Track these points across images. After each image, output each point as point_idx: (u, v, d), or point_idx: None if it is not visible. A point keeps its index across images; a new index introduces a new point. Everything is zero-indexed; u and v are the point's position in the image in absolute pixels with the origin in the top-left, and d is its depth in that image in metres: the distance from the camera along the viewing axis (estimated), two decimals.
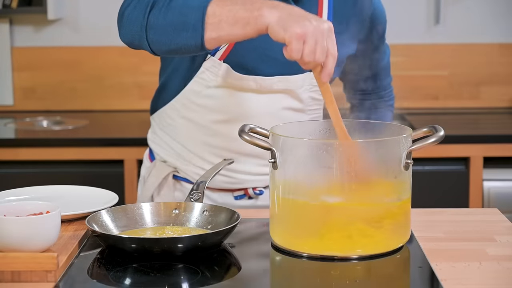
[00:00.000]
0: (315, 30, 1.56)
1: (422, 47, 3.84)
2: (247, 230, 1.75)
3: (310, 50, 1.55)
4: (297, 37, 1.55)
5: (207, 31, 1.62)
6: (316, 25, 1.56)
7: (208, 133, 1.97)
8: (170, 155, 2.05)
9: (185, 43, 1.65)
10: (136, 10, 1.70)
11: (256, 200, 2.04)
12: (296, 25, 1.55)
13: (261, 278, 1.51)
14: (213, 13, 1.62)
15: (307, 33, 1.55)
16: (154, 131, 2.10)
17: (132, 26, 1.70)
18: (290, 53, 1.56)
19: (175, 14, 1.65)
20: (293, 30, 1.55)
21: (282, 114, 1.94)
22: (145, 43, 1.70)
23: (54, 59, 3.83)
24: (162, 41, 1.68)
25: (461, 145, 3.24)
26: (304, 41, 1.55)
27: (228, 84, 1.92)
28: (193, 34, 1.63)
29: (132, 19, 1.70)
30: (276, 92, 1.93)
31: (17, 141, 3.31)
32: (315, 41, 1.55)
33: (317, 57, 1.56)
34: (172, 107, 2.01)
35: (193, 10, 1.64)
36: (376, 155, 1.56)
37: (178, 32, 1.65)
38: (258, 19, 1.58)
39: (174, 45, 1.67)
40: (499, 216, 1.83)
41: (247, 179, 2.01)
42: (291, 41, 1.55)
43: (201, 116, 1.97)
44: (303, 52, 1.55)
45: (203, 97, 1.95)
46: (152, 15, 1.68)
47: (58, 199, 1.84)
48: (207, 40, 1.63)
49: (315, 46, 1.56)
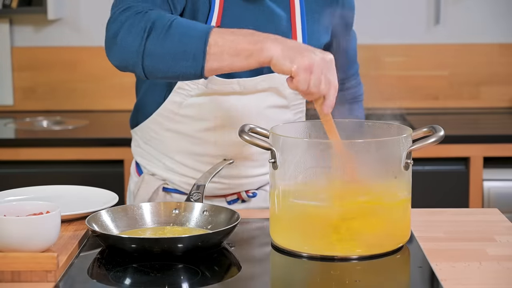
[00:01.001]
0: (321, 61, 1.57)
1: (422, 47, 3.84)
2: (247, 230, 1.75)
3: (316, 81, 1.56)
4: (305, 69, 1.55)
5: (209, 61, 1.61)
6: (322, 57, 1.58)
7: (194, 142, 1.94)
8: (158, 168, 2.00)
9: (184, 72, 1.63)
10: (131, 35, 1.65)
11: (249, 203, 2.03)
12: (302, 57, 1.56)
13: (261, 278, 1.51)
14: (215, 43, 1.60)
15: (314, 64, 1.56)
16: (138, 144, 2.05)
17: (127, 52, 1.65)
18: (297, 84, 1.56)
19: (175, 42, 1.63)
20: (301, 62, 1.56)
21: (267, 112, 1.93)
22: (140, 69, 1.66)
23: (54, 59, 3.83)
24: (159, 68, 1.65)
25: (461, 145, 3.24)
26: (311, 72, 1.56)
27: (211, 91, 1.89)
28: (193, 63, 1.62)
29: (127, 45, 1.65)
30: (260, 91, 1.92)
31: (17, 141, 3.30)
32: (321, 72, 1.57)
33: (322, 88, 1.57)
34: (154, 121, 1.96)
35: (194, 39, 1.62)
36: (376, 155, 1.56)
37: (178, 61, 1.63)
38: (261, 52, 1.58)
39: (172, 73, 1.65)
40: (499, 216, 1.83)
41: (240, 183, 1.99)
42: (299, 73, 1.55)
43: (185, 126, 1.93)
44: (310, 83, 1.56)
45: (185, 107, 1.91)
46: (149, 42, 1.64)
47: (58, 199, 1.84)
48: (207, 70, 1.62)
49: (321, 77, 1.57)
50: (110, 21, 1.70)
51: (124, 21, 1.67)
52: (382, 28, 3.78)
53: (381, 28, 3.78)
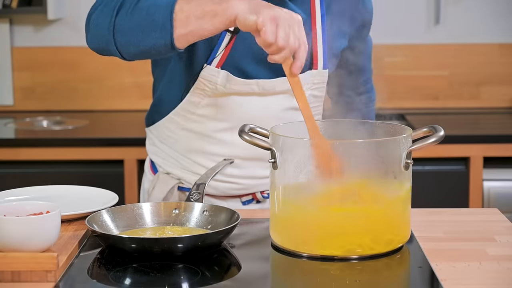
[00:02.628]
0: (287, 16, 1.55)
1: (422, 47, 3.84)
2: (247, 230, 1.75)
3: (284, 33, 1.54)
4: (270, 19, 1.53)
5: (176, 28, 1.61)
6: (288, 13, 1.56)
7: (211, 142, 1.94)
8: (174, 167, 2.01)
9: (155, 43, 1.63)
10: (102, 14, 1.68)
11: (264, 203, 2.03)
12: (268, 10, 1.55)
13: (261, 278, 1.51)
14: (180, 9, 1.60)
15: (280, 17, 1.54)
16: (154, 143, 2.05)
17: (99, 30, 1.68)
18: (264, 35, 1.53)
19: (142, 15, 1.63)
20: (266, 13, 1.53)
21: (284, 115, 1.93)
22: (113, 47, 1.67)
23: (54, 59, 3.83)
24: (130, 43, 1.65)
25: (461, 145, 3.24)
26: (277, 25, 1.54)
27: (229, 91, 1.89)
28: (162, 33, 1.62)
29: (98, 23, 1.68)
30: (278, 93, 1.92)
31: (17, 141, 3.31)
32: (288, 26, 1.54)
33: (292, 42, 1.55)
34: (170, 120, 1.97)
35: (160, 8, 1.62)
36: (376, 155, 1.56)
37: (147, 33, 1.63)
38: (226, 10, 1.57)
39: (143, 46, 1.65)
40: (499, 216, 1.83)
41: (254, 184, 1.99)
42: (265, 23, 1.53)
43: (202, 126, 1.93)
44: (277, 35, 1.53)
45: (203, 107, 1.92)
46: (119, 17, 1.65)
47: (58, 199, 1.84)
48: (176, 37, 1.61)
49: (289, 31, 1.54)
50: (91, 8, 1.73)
51: (98, 5, 1.70)
52: (382, 28, 3.78)
53: (381, 28, 3.77)
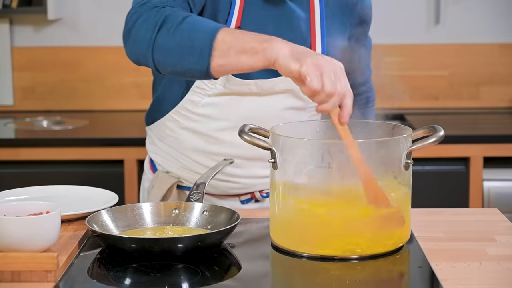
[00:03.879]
0: (331, 64, 1.52)
1: (422, 47, 3.84)
2: (247, 230, 1.75)
3: (330, 80, 1.50)
4: (314, 67, 1.50)
5: (214, 57, 1.59)
6: (330, 60, 1.53)
7: (210, 141, 1.95)
8: (173, 166, 2.01)
9: (191, 68, 1.62)
10: (143, 28, 1.66)
11: (263, 202, 2.03)
12: (311, 58, 1.52)
13: (261, 278, 1.51)
14: (222, 39, 1.59)
15: (324, 65, 1.51)
16: (153, 142, 2.06)
17: (139, 45, 1.67)
18: (310, 84, 1.50)
19: (184, 37, 1.62)
20: (310, 61, 1.51)
21: (284, 114, 1.93)
22: (151, 62, 1.67)
23: (54, 59, 3.83)
24: (168, 62, 1.65)
25: (461, 145, 3.24)
26: (322, 73, 1.51)
27: (229, 91, 1.89)
28: (199, 59, 1.60)
29: (139, 38, 1.67)
30: (277, 93, 1.92)
31: (17, 141, 3.30)
32: (333, 74, 1.51)
33: (339, 89, 1.51)
34: (170, 119, 1.97)
35: (202, 34, 1.61)
36: (376, 155, 1.56)
37: (185, 56, 1.62)
38: (267, 50, 1.55)
39: (180, 68, 1.64)
40: (499, 216, 1.83)
41: (253, 183, 2.00)
42: (309, 72, 1.50)
43: (202, 125, 1.94)
44: (324, 83, 1.50)
45: (202, 106, 1.92)
46: (160, 35, 1.64)
47: (58, 199, 1.84)
48: (213, 67, 1.60)
49: (334, 78, 1.51)
50: (129, 15, 1.71)
51: (140, 15, 1.68)
52: (382, 28, 3.78)
53: (381, 28, 3.77)
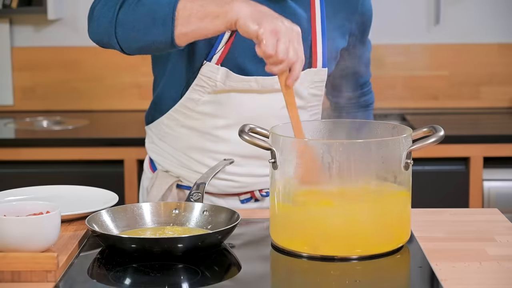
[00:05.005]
0: (288, 30, 1.58)
1: (422, 47, 3.84)
2: (248, 230, 1.75)
3: (284, 47, 1.56)
4: (271, 32, 1.55)
5: (177, 26, 1.63)
6: (289, 26, 1.59)
7: (210, 139, 1.95)
8: (173, 165, 2.01)
9: (155, 39, 1.65)
10: (105, 7, 1.70)
11: (263, 202, 2.03)
12: (269, 22, 1.57)
13: (261, 278, 1.51)
14: (183, 7, 1.63)
15: (281, 31, 1.56)
16: (153, 140, 2.06)
17: (101, 24, 1.70)
18: (264, 48, 1.56)
19: (145, 11, 1.66)
20: (267, 26, 1.55)
21: (283, 113, 1.92)
22: (114, 40, 1.69)
23: (54, 59, 3.83)
24: (131, 37, 1.68)
25: (461, 145, 3.24)
26: (278, 39, 1.56)
27: (228, 88, 1.89)
28: (163, 29, 1.64)
29: (101, 16, 1.70)
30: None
31: (17, 141, 3.31)
32: (288, 40, 1.56)
33: (291, 56, 1.57)
34: (170, 117, 1.97)
35: (163, 6, 1.64)
36: (376, 155, 1.56)
37: (148, 29, 1.65)
38: (228, 13, 1.59)
39: (144, 41, 1.67)
40: (499, 216, 1.83)
41: (253, 182, 1.99)
42: (265, 36, 1.55)
43: (201, 123, 1.94)
44: (278, 49, 1.56)
45: (202, 104, 1.92)
46: (121, 12, 1.68)
47: (58, 199, 1.84)
48: (177, 35, 1.64)
49: (289, 45, 1.56)
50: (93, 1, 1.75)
51: None
52: (382, 28, 3.78)
53: (381, 28, 3.78)
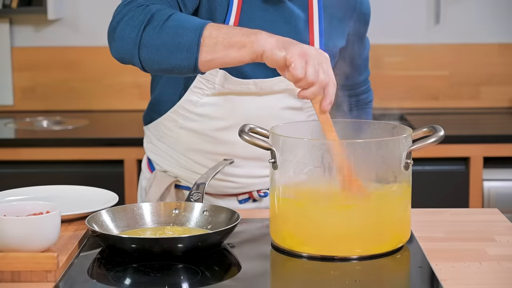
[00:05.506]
0: (316, 53, 1.56)
1: (422, 47, 3.84)
2: (247, 230, 1.75)
3: (314, 69, 1.54)
4: (299, 55, 1.54)
5: (202, 53, 1.62)
6: (316, 50, 1.57)
7: (209, 141, 1.95)
8: (171, 165, 2.02)
9: (178, 64, 1.64)
10: (129, 26, 1.67)
11: (261, 202, 2.03)
12: (296, 46, 1.56)
13: (261, 278, 1.51)
14: (209, 35, 1.61)
15: (309, 54, 1.55)
16: (151, 141, 2.06)
17: (124, 43, 1.68)
18: (293, 71, 1.54)
19: (170, 34, 1.64)
20: (295, 49, 1.55)
21: (283, 114, 1.93)
22: (137, 60, 1.68)
23: (54, 59, 3.83)
24: (155, 60, 1.66)
25: (461, 145, 3.24)
26: (306, 61, 1.54)
27: (227, 90, 1.90)
28: (187, 55, 1.63)
29: (124, 36, 1.68)
30: (275, 92, 1.92)
31: (17, 141, 3.30)
32: (317, 63, 1.55)
33: (321, 78, 1.55)
34: (168, 118, 1.97)
35: (189, 31, 1.63)
36: (376, 155, 1.56)
37: (172, 53, 1.64)
38: (254, 44, 1.59)
39: (167, 65, 1.66)
40: (499, 216, 1.83)
41: (251, 183, 2.00)
42: (294, 60, 1.54)
43: (200, 125, 1.94)
44: (307, 71, 1.54)
45: (200, 106, 1.92)
46: (146, 33, 1.66)
47: (58, 199, 1.84)
48: (201, 62, 1.62)
49: (318, 67, 1.55)
50: (114, 14, 1.72)
51: (125, 14, 1.69)
52: (382, 28, 3.78)
53: (381, 28, 3.78)
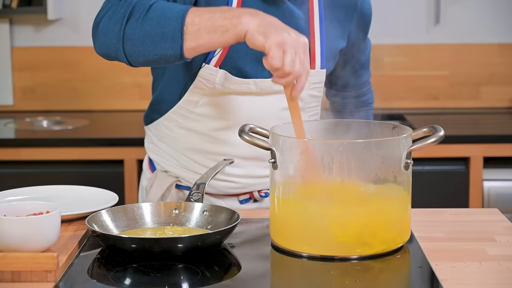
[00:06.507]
0: (294, 41, 1.58)
1: (422, 47, 3.84)
2: (248, 230, 1.75)
3: (290, 59, 1.57)
4: (277, 45, 1.56)
5: (186, 40, 1.63)
6: (295, 38, 1.59)
7: (209, 141, 1.95)
8: (172, 165, 2.02)
9: (164, 54, 1.65)
10: (111, 21, 1.69)
11: (261, 203, 2.03)
12: (276, 34, 1.57)
13: (261, 278, 1.51)
14: (191, 22, 1.63)
15: (287, 43, 1.57)
16: (152, 141, 2.06)
17: (108, 38, 1.69)
18: (271, 61, 1.57)
19: (153, 25, 1.65)
20: (273, 38, 1.56)
21: (283, 114, 1.93)
22: (122, 54, 1.69)
23: (54, 59, 3.83)
24: (140, 52, 1.67)
25: (461, 145, 3.24)
26: (284, 51, 1.57)
27: (227, 90, 1.90)
28: (172, 44, 1.64)
29: (107, 31, 1.69)
30: (276, 93, 1.92)
31: (17, 141, 3.30)
32: (294, 52, 1.57)
33: (297, 68, 1.58)
34: (169, 119, 1.98)
35: (171, 20, 1.64)
36: (376, 155, 1.56)
37: (157, 43, 1.65)
38: (237, 26, 1.60)
39: (153, 56, 1.67)
40: (499, 216, 1.83)
41: (252, 183, 2.00)
42: (271, 49, 1.56)
43: (201, 124, 1.94)
44: (284, 61, 1.57)
45: (201, 106, 1.93)
46: (129, 26, 1.67)
47: (58, 199, 1.84)
48: (186, 49, 1.64)
49: (295, 57, 1.57)
50: (98, 11, 1.74)
51: (108, 9, 1.71)
52: (382, 28, 3.78)
53: (381, 28, 3.78)
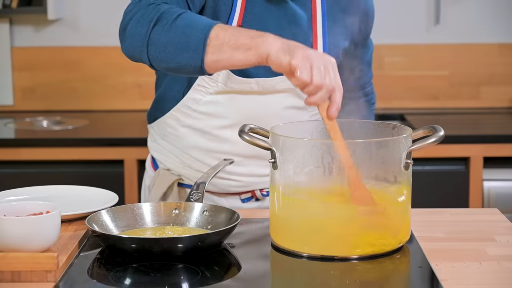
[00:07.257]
0: (321, 57, 1.54)
1: (422, 47, 3.84)
2: (248, 230, 1.75)
3: (320, 73, 1.52)
4: (304, 59, 1.52)
5: (208, 53, 1.62)
6: (322, 55, 1.55)
7: (212, 139, 1.96)
8: (174, 163, 2.03)
9: (185, 63, 1.65)
10: (139, 24, 1.69)
11: (263, 201, 2.03)
12: (302, 50, 1.53)
13: (261, 278, 1.51)
14: (216, 36, 1.61)
15: (314, 58, 1.53)
16: (155, 139, 2.07)
17: (134, 41, 1.69)
18: (300, 76, 1.51)
19: (178, 33, 1.65)
20: (300, 54, 1.52)
21: (284, 113, 1.93)
22: (146, 58, 1.69)
23: (54, 59, 3.83)
24: (162, 58, 1.67)
25: (461, 145, 3.24)
26: (311, 65, 1.52)
27: (230, 89, 1.90)
28: (193, 55, 1.63)
29: (134, 34, 1.69)
30: (278, 92, 1.93)
31: (17, 141, 3.30)
32: (323, 66, 1.53)
33: (328, 82, 1.52)
34: (171, 117, 1.98)
35: (196, 31, 1.63)
36: (376, 155, 1.56)
37: (179, 52, 1.64)
38: (260, 46, 1.57)
39: (174, 63, 1.66)
40: (499, 216, 1.84)
41: (254, 181, 2.00)
42: (299, 64, 1.51)
43: (203, 123, 1.95)
44: (313, 75, 1.52)
45: (203, 104, 1.93)
46: (155, 31, 1.67)
47: (58, 199, 1.84)
48: (207, 62, 1.62)
49: (324, 71, 1.53)
50: (125, 12, 1.74)
51: (136, 12, 1.71)
52: (382, 28, 3.78)
53: (381, 28, 3.77)
